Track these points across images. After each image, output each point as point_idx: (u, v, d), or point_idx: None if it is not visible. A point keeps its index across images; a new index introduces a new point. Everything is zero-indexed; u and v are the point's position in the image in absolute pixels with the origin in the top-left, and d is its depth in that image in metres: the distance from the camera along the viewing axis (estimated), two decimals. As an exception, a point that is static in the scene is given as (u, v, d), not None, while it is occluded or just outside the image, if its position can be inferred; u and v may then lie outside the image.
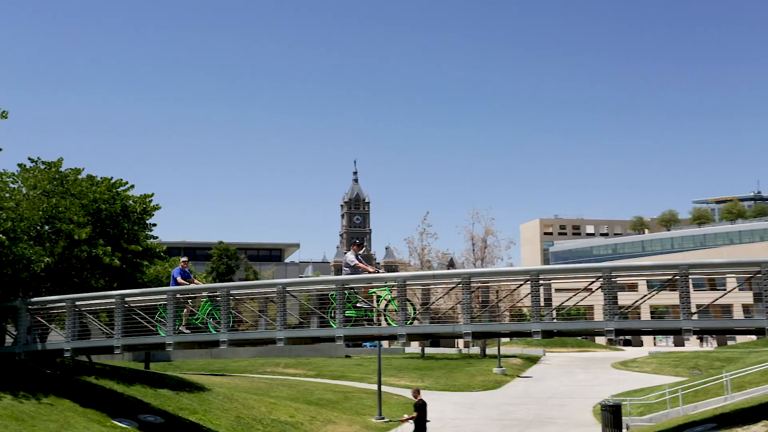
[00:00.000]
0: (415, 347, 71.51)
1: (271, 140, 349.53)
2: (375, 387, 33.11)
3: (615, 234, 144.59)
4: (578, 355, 70.87)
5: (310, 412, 29.30)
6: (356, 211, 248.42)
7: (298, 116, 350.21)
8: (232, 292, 18.48)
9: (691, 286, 16.68)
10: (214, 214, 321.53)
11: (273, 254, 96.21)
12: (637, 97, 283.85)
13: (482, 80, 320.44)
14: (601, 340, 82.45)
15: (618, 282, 17.78)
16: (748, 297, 16.03)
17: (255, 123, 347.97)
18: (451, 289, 19.11)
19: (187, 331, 18.59)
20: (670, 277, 16.32)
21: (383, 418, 30.45)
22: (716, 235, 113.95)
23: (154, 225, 25.81)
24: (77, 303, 19.41)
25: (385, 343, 71.64)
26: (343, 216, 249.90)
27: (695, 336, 40.63)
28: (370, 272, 18.04)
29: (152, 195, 25.44)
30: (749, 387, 26.81)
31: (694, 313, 16.29)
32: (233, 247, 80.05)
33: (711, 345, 76.23)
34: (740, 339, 66.01)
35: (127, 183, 24.96)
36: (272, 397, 31.52)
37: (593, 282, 16.86)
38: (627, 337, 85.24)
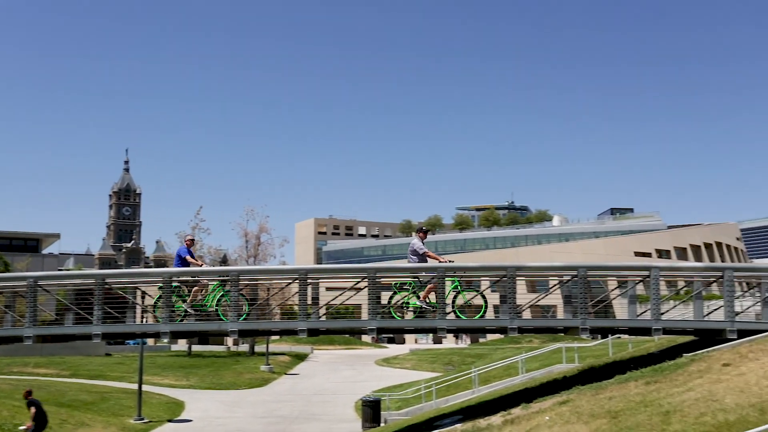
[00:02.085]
0: (182, 345, 69.37)
1: (30, 121, 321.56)
2: (136, 386, 31.64)
3: (385, 236, 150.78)
4: (345, 352, 72.89)
5: (60, 415, 27.31)
6: (126, 201, 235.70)
7: (63, 97, 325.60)
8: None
9: (449, 287, 17.87)
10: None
11: (28, 244, 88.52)
12: (409, 108, 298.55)
13: (259, 78, 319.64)
14: (367, 338, 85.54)
15: (383, 282, 18.62)
16: (497, 298, 17.50)
17: (11, 100, 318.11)
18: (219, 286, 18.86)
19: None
20: (429, 278, 17.31)
21: (143, 419, 29.21)
22: (475, 240, 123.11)
23: None
24: None
25: (150, 341, 68.72)
26: (111, 206, 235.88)
27: (451, 334, 43.37)
28: (440, 261, 16.96)
29: None
30: (494, 381, 29.28)
31: (449, 312, 17.48)
32: (-20, 234, 72.51)
33: (465, 342, 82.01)
34: (490, 337, 71.74)
35: None
36: (17, 400, 28.95)
37: (359, 282, 17.46)
38: (391, 335, 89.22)
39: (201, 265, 18.07)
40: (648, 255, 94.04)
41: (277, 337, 67.83)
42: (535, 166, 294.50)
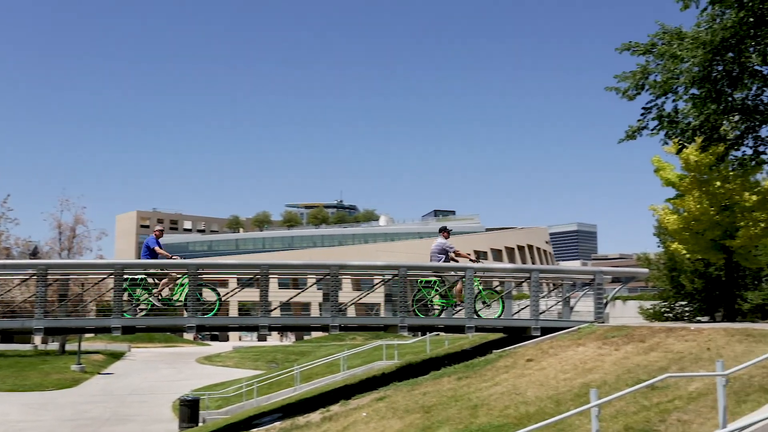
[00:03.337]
0: (-19, 344, 63.81)
1: None
2: (-77, 390, 28.75)
3: (212, 231, 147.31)
4: (165, 350, 70.53)
5: None
6: None
7: None
8: None
9: (276, 284, 17.79)
10: None
11: None
12: (239, 103, 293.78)
13: (76, 59, 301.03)
14: (189, 335, 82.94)
15: (206, 279, 18.20)
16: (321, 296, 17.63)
17: None
18: (25, 280, 17.72)
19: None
20: (252, 275, 17.15)
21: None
22: (302, 238, 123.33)
23: None
24: None
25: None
26: None
27: (276, 332, 43.05)
28: (471, 260, 17.18)
29: None
30: (316, 378, 29.50)
31: (273, 309, 17.41)
32: None
33: (290, 340, 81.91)
34: (315, 334, 72.08)
35: None
36: None
37: (180, 278, 16.95)
38: (215, 333, 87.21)
39: (170, 258, 17.16)
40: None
41: (91, 335, 64.23)
42: (365, 166, 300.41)
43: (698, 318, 28.23)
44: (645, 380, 9.94)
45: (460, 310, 16.99)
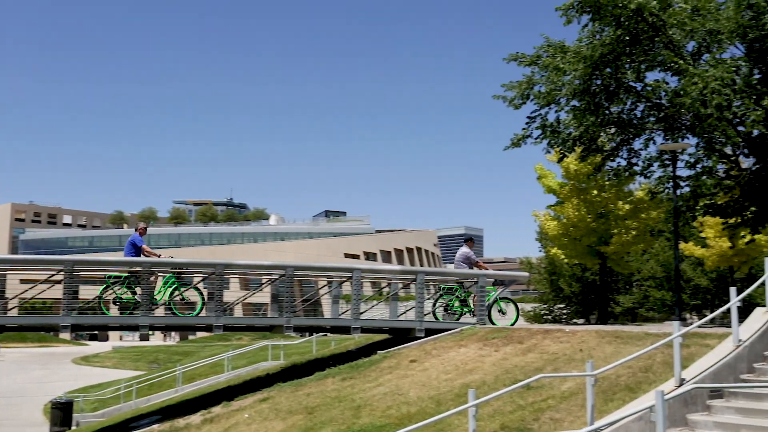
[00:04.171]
0: None
1: None
2: None
3: (94, 226, 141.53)
4: (39, 350, 67.10)
5: None
6: None
7: None
8: None
9: (159, 283, 17.25)
10: None
11: None
12: (125, 95, 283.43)
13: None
14: (66, 334, 79.10)
15: (84, 276, 17.40)
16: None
17: None
18: None
19: None
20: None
21: None
22: (190, 235, 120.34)
23: None
24: None
25: None
26: None
27: (159, 331, 41.76)
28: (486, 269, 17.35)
29: None
30: (199, 379, 28.87)
31: (156, 308, 16.86)
32: None
33: (174, 339, 79.74)
34: (200, 334, 70.44)
35: None
36: None
37: (55, 274, 16.15)
38: (94, 332, 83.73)
39: (159, 256, 16.23)
40: (357, 257, 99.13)
41: (-45, 333, 60.17)
42: (256, 164, 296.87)
43: (575, 320, 29.56)
44: (521, 380, 10.28)
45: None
